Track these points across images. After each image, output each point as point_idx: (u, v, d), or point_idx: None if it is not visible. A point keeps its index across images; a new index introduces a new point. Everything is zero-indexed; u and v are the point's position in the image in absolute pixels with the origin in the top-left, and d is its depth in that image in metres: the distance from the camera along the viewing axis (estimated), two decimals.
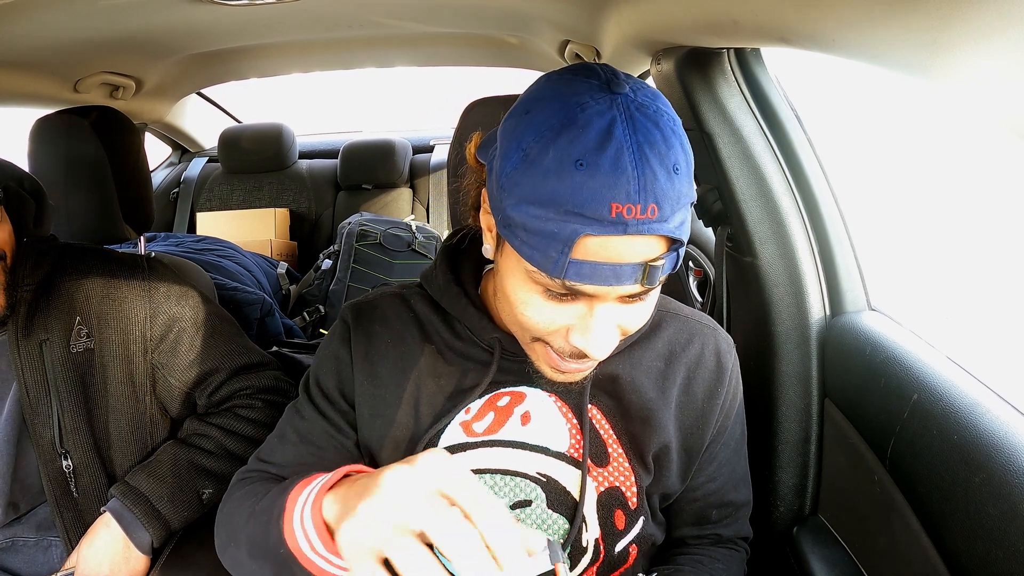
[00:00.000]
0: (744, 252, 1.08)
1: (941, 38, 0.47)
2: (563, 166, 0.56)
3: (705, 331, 0.84)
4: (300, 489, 0.65)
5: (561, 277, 0.59)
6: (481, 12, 1.60)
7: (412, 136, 3.02)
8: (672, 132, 0.59)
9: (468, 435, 0.78)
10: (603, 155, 0.55)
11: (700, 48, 1.01)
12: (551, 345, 0.68)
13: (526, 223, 0.59)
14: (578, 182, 0.55)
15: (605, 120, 0.56)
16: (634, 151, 0.56)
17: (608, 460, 0.79)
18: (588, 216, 0.56)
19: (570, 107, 0.58)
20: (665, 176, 0.56)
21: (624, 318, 0.65)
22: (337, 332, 0.84)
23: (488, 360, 0.79)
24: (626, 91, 0.59)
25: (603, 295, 0.61)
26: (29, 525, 1.04)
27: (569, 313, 0.64)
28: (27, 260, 1.01)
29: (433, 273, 0.83)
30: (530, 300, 0.64)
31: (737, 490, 0.88)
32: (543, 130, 0.58)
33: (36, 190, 1.08)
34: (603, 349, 0.64)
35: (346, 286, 2.12)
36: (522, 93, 0.65)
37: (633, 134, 0.56)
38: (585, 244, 0.57)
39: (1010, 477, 0.65)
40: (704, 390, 0.81)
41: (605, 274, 0.58)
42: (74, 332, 1.01)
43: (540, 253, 0.59)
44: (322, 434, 0.81)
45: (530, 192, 0.58)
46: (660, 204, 0.56)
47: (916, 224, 4.26)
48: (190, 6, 1.27)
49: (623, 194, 0.55)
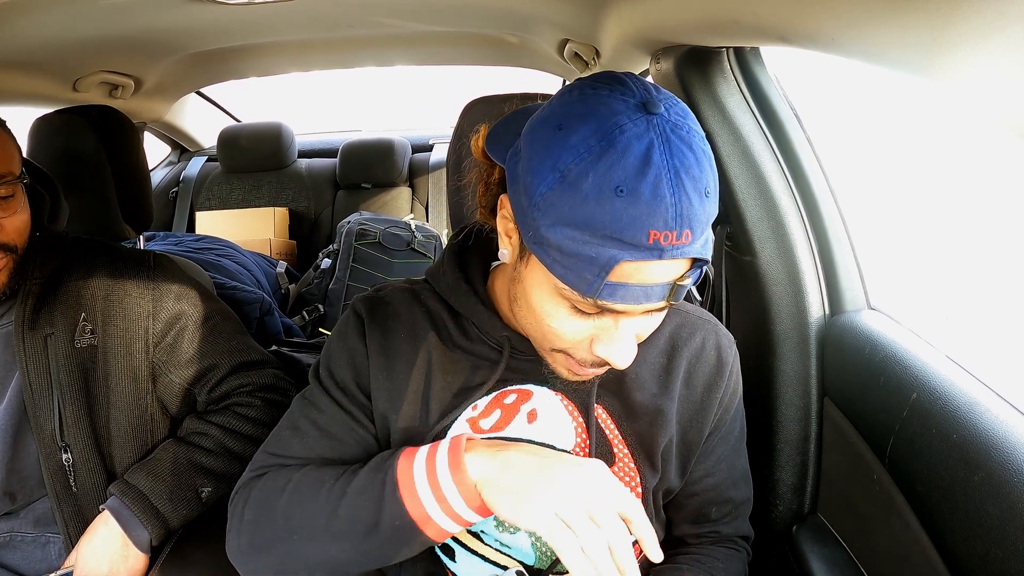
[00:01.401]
0: (743, 251, 1.08)
1: (941, 37, 0.47)
2: (603, 192, 0.56)
3: (706, 326, 0.84)
4: (408, 462, 0.70)
5: (595, 298, 0.60)
6: (480, 11, 1.60)
7: (411, 135, 3.01)
8: (703, 153, 0.59)
9: (475, 431, 0.78)
10: (643, 182, 0.56)
11: (699, 47, 1.01)
12: (573, 356, 0.69)
13: (561, 245, 0.59)
14: (619, 208, 0.56)
15: (643, 144, 0.56)
16: (671, 177, 0.56)
17: (614, 460, 0.79)
18: (626, 242, 0.57)
19: (608, 128, 0.57)
20: (699, 201, 0.58)
21: (642, 327, 0.67)
22: (351, 325, 0.83)
23: (497, 358, 0.79)
24: (661, 111, 0.59)
25: (631, 312, 0.63)
26: (27, 520, 1.04)
27: (595, 326, 0.66)
28: (37, 254, 1.02)
29: (440, 271, 0.83)
30: (556, 313, 0.66)
31: (736, 487, 0.88)
32: (582, 152, 0.57)
33: (51, 186, 1.09)
34: (627, 360, 0.66)
35: (345, 285, 2.11)
36: (550, 101, 0.65)
37: (670, 159, 0.57)
38: (622, 268, 0.58)
39: (1009, 476, 0.65)
40: (704, 383, 0.82)
41: (636, 295, 0.60)
42: (79, 328, 1.02)
43: (574, 274, 0.60)
44: (342, 426, 0.80)
45: (568, 215, 0.58)
46: (693, 229, 0.58)
47: (916, 223, 4.26)
48: (189, 5, 1.27)
49: (661, 221, 0.56)
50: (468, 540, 0.80)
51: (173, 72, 1.91)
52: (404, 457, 0.71)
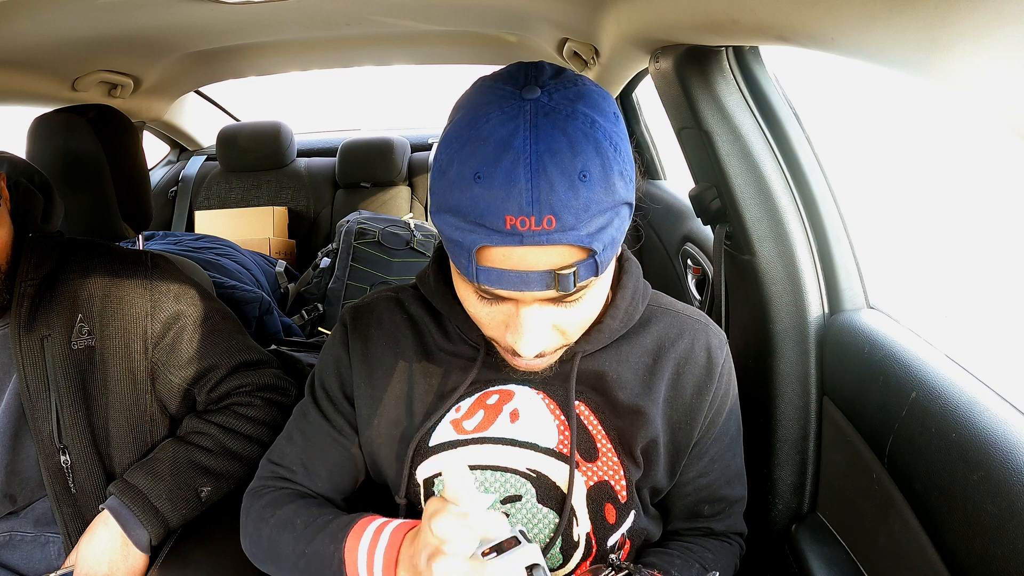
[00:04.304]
0: (743, 250, 1.08)
1: (940, 36, 0.47)
2: (463, 178, 0.57)
3: (696, 326, 0.83)
4: (354, 544, 0.73)
5: (474, 282, 0.61)
6: (479, 10, 1.60)
7: (410, 134, 3.01)
8: (584, 136, 0.57)
9: (458, 432, 0.79)
10: (498, 167, 0.56)
11: (699, 46, 1.01)
12: (498, 343, 0.71)
13: (443, 230, 0.61)
14: (476, 195, 0.57)
15: (507, 130, 0.56)
16: (531, 162, 0.55)
17: (597, 455, 0.80)
18: (487, 227, 0.57)
19: (475, 118, 0.58)
20: (566, 186, 0.55)
21: (560, 319, 0.66)
22: (337, 335, 0.87)
23: (475, 356, 0.81)
24: (537, 95, 0.58)
25: (522, 299, 0.62)
26: (27, 520, 1.04)
27: (502, 311, 0.66)
28: (32, 256, 1.02)
29: (427, 274, 0.84)
30: (469, 299, 0.68)
31: (731, 486, 0.88)
32: (451, 142, 0.59)
33: (45, 185, 1.08)
34: (532, 347, 0.65)
35: (344, 284, 2.11)
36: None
37: (535, 143, 0.56)
38: (487, 253, 0.59)
39: (1008, 475, 0.65)
40: (693, 385, 0.81)
41: (513, 280, 0.59)
42: (75, 329, 1.02)
43: (455, 258, 0.62)
44: (325, 437, 0.85)
45: (442, 202, 0.60)
46: (559, 214, 0.56)
47: (915, 222, 4.26)
48: (188, 5, 1.27)
49: (515, 206, 0.55)
50: None
51: (172, 71, 1.91)
52: (354, 534, 0.74)
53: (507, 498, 0.78)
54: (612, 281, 0.78)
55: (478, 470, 0.78)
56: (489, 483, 0.78)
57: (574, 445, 0.78)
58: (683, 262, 1.56)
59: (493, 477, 0.78)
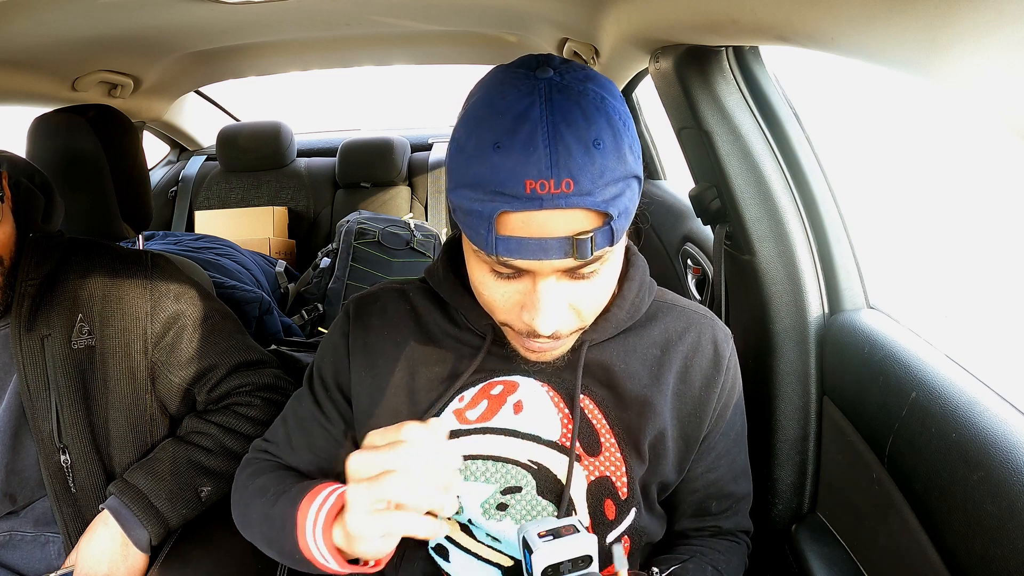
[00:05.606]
0: (743, 250, 1.08)
1: (940, 36, 0.47)
2: (483, 149, 0.59)
3: (702, 321, 0.84)
4: (307, 507, 0.73)
5: (493, 253, 0.62)
6: (479, 10, 1.60)
7: (410, 134, 3.01)
8: (596, 109, 0.60)
9: (461, 422, 0.80)
10: (518, 135, 0.58)
11: (699, 46, 1.01)
12: (512, 327, 0.71)
13: (461, 205, 0.62)
14: (496, 163, 0.59)
15: (524, 104, 0.59)
16: (548, 129, 0.58)
17: (600, 449, 0.80)
18: (506, 194, 0.59)
19: (492, 96, 0.61)
20: (582, 151, 0.58)
21: (575, 296, 0.67)
22: (339, 324, 0.88)
23: (481, 345, 0.81)
24: (550, 75, 0.61)
25: (540, 270, 0.63)
26: (27, 519, 1.04)
27: (518, 290, 0.67)
28: (32, 255, 1.02)
29: (435, 266, 0.85)
30: (484, 280, 0.68)
31: (737, 482, 0.88)
32: (469, 120, 0.62)
33: (45, 185, 1.08)
34: (549, 324, 0.66)
35: (344, 284, 2.11)
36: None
37: (550, 114, 0.58)
38: (507, 220, 0.60)
39: (1008, 475, 0.65)
40: (701, 379, 0.82)
41: (532, 248, 0.61)
42: (76, 329, 1.02)
43: (474, 232, 0.62)
44: (313, 421, 0.87)
45: (461, 177, 0.62)
46: (577, 178, 0.58)
47: (915, 222, 4.26)
48: (188, 4, 1.27)
49: (535, 170, 0.57)
50: (460, 537, 0.81)
51: (172, 71, 1.91)
52: (308, 499, 0.74)
53: (507, 489, 0.78)
54: (619, 275, 0.79)
55: (479, 460, 0.79)
56: (490, 474, 0.78)
57: (575, 435, 0.78)
58: (683, 262, 1.56)
59: (494, 468, 0.78)
